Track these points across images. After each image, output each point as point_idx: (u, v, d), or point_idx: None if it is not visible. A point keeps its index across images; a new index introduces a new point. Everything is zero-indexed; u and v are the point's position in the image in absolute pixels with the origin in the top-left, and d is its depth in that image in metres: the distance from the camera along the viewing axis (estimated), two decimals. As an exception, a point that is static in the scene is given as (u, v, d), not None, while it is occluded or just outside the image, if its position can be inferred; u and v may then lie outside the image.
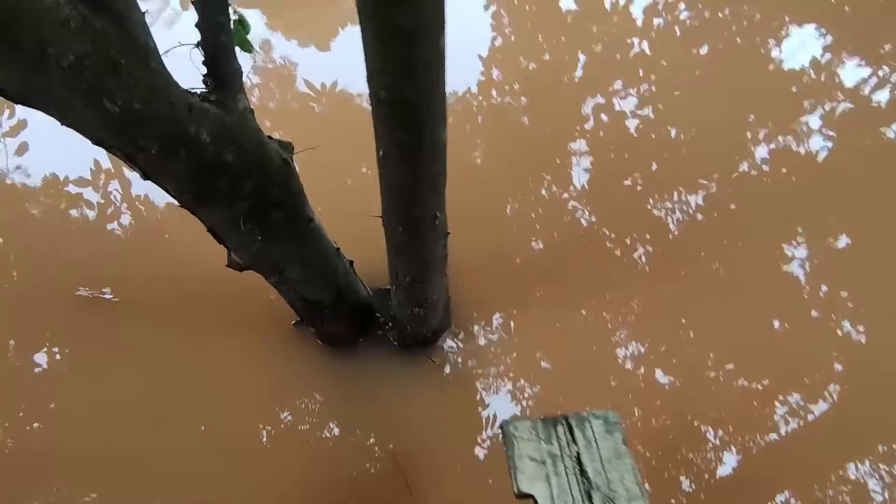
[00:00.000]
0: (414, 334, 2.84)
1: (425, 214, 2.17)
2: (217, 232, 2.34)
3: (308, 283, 2.62)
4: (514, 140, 3.39)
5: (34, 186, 3.37)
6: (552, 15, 3.95)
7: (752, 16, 3.91)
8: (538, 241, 3.15)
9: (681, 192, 3.21)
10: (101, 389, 2.86)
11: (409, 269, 2.43)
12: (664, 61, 3.70)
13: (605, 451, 1.98)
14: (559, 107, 3.53)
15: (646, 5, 3.96)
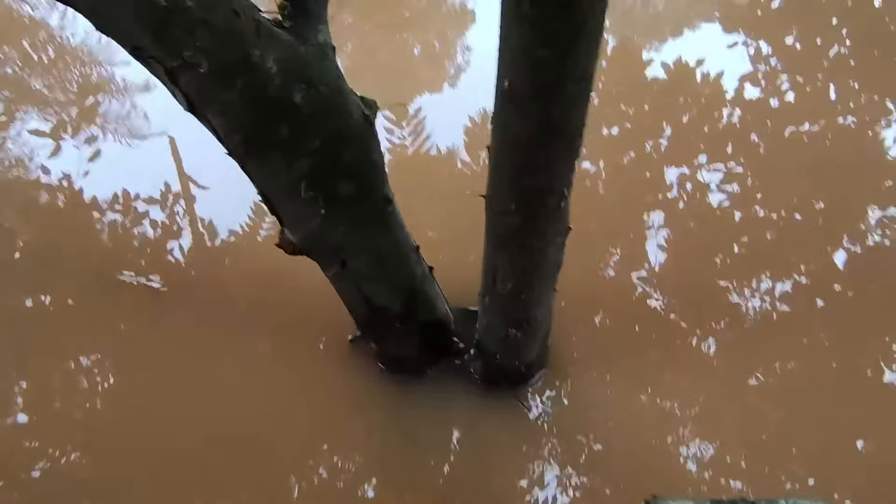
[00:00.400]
0: (503, 367, 2.18)
1: (551, 188, 1.57)
2: (270, 198, 1.82)
3: (376, 281, 2.03)
4: (588, 205, 2.84)
5: (102, 197, 3.06)
6: (638, 83, 3.53)
7: (859, 95, 3.34)
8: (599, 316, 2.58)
9: (761, 278, 2.61)
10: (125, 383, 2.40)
11: (512, 272, 1.81)
12: (755, 136, 3.16)
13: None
14: (639, 175, 3.05)
15: (740, 77, 3.48)
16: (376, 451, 2.19)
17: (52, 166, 3.19)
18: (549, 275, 1.88)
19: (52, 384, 2.42)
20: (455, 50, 3.83)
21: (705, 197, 2.92)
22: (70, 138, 3.33)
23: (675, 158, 3.07)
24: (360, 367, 2.34)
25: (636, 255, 2.69)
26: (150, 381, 2.43)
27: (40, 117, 3.44)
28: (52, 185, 3.12)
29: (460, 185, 2.98)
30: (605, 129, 3.22)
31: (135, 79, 3.55)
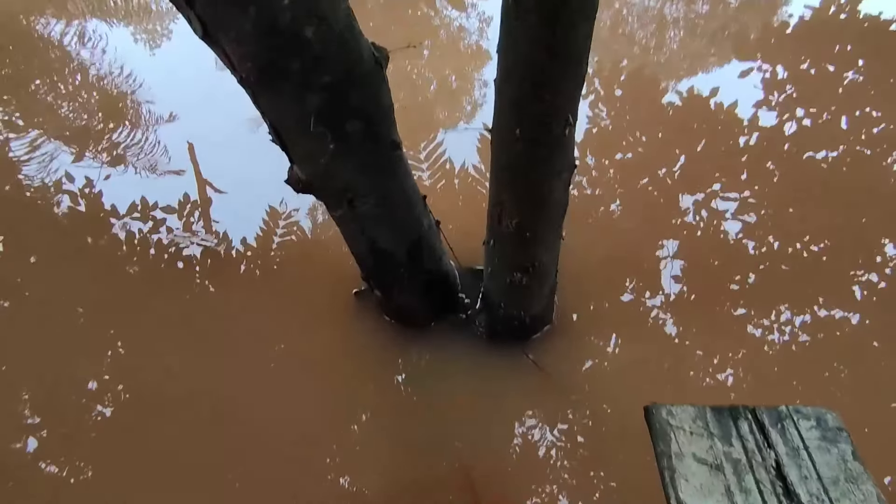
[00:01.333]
0: (508, 317, 2.15)
1: (556, 112, 1.58)
2: (280, 132, 1.84)
3: (383, 224, 2.03)
4: (602, 233, 2.80)
5: (120, 204, 3.07)
6: (652, 109, 3.51)
7: (875, 123, 3.29)
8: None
9: (780, 311, 2.46)
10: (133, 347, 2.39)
11: (517, 208, 1.80)
12: (771, 164, 3.10)
13: (826, 467, 1.20)
14: (652, 202, 2.95)
15: (755, 104, 3.45)
16: (382, 397, 2.16)
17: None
18: (555, 215, 1.87)
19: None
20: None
21: (720, 224, 2.81)
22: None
23: (690, 185, 2.99)
24: (365, 318, 2.33)
25: (650, 282, 2.56)
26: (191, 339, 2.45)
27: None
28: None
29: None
30: (620, 154, 3.20)
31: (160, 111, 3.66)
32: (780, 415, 1.30)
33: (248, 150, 3.27)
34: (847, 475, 1.19)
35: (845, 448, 1.23)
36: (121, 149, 3.37)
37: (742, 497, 1.17)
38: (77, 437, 2.11)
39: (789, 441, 1.25)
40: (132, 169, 3.25)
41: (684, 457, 1.23)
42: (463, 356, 2.19)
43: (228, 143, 3.34)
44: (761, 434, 1.27)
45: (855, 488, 1.17)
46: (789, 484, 1.18)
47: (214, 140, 3.38)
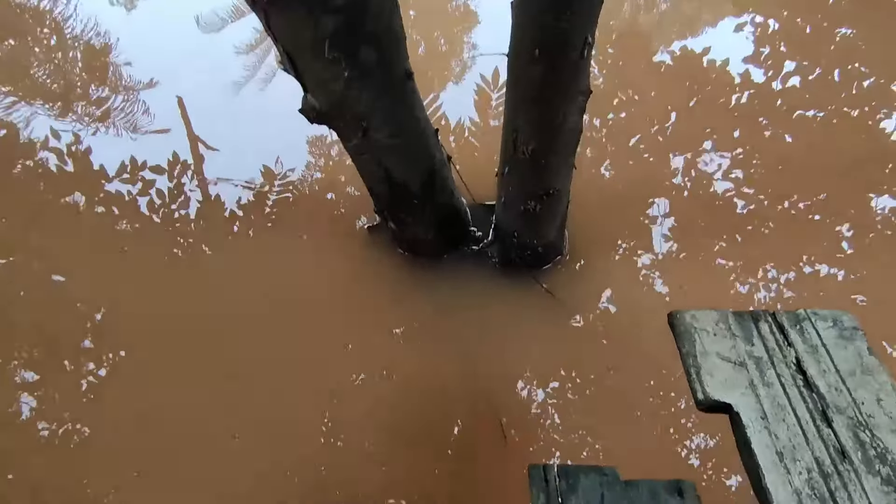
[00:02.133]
0: (522, 246, 2.18)
1: (575, 31, 1.58)
2: (294, 58, 1.82)
3: (396, 154, 2.03)
4: (589, 193, 2.72)
5: (109, 165, 2.97)
6: (644, 67, 3.47)
7: (866, 78, 3.26)
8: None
9: (767, 269, 2.46)
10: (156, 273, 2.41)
11: (532, 133, 1.82)
12: (764, 120, 3.08)
13: (843, 361, 1.26)
14: (641, 162, 2.92)
15: (746, 59, 3.42)
16: (401, 323, 2.20)
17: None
18: (569, 142, 1.89)
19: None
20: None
21: (710, 185, 2.79)
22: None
23: (681, 144, 2.96)
24: (380, 250, 2.36)
25: (641, 243, 2.53)
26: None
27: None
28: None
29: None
30: (612, 113, 3.17)
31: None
32: (799, 317, 1.35)
33: (234, 112, 3.19)
34: (863, 368, 1.25)
35: (861, 345, 1.29)
36: (102, 110, 3.26)
37: (765, 390, 1.22)
38: (95, 375, 2.14)
39: (808, 339, 1.31)
40: (116, 130, 3.16)
41: (708, 355, 1.28)
42: (476, 285, 2.24)
43: (214, 104, 3.26)
44: (781, 334, 1.32)
45: (871, 379, 1.23)
46: (809, 377, 1.24)
47: (199, 100, 3.29)
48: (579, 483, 1.13)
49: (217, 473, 1.90)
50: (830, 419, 1.16)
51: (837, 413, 1.17)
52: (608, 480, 1.14)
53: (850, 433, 1.14)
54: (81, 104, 3.29)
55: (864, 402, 1.18)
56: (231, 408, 2.04)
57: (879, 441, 1.13)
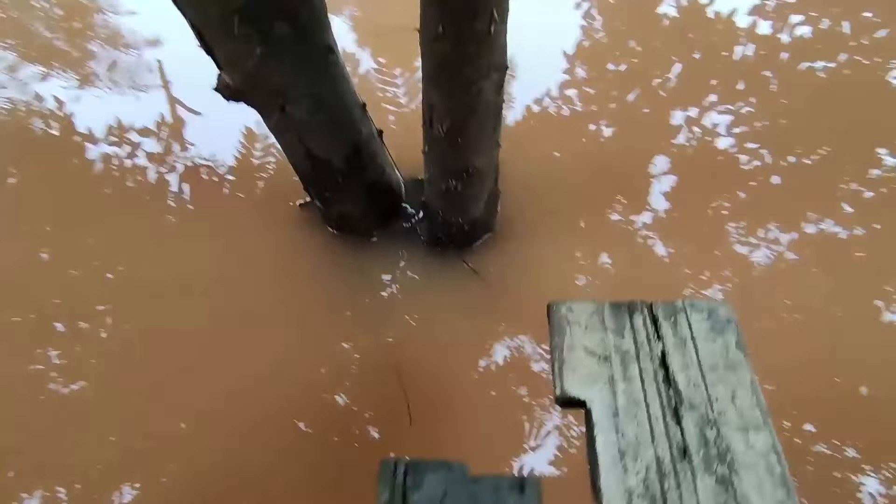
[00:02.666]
0: (447, 224, 2.17)
1: (479, 5, 1.53)
2: (203, 34, 1.79)
3: (317, 130, 2.01)
4: (591, 145, 2.72)
5: (96, 127, 2.93)
6: (648, 18, 3.33)
7: (876, 29, 3.13)
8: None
9: (769, 228, 2.42)
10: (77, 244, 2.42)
11: (447, 110, 1.78)
12: (769, 73, 2.97)
13: (709, 355, 1.25)
14: (645, 116, 2.86)
15: (753, 14, 3.28)
16: (323, 300, 2.22)
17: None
18: (487, 117, 1.85)
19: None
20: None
21: (714, 139, 2.74)
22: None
23: (684, 98, 2.89)
24: (310, 228, 2.35)
25: (638, 200, 2.53)
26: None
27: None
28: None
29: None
30: (612, 65, 3.08)
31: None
32: (675, 308, 1.34)
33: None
34: (726, 363, 1.24)
35: (730, 338, 1.28)
36: (88, 67, 3.22)
37: (624, 385, 1.23)
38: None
39: (679, 332, 1.30)
40: (102, 89, 3.12)
41: (576, 349, 1.28)
42: (403, 263, 2.23)
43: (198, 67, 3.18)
44: (653, 326, 1.32)
45: (731, 374, 1.23)
46: (670, 372, 1.24)
47: (184, 61, 3.21)
48: (425, 479, 1.16)
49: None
50: (681, 416, 1.17)
51: (690, 409, 1.17)
52: (454, 476, 1.16)
53: (698, 430, 1.15)
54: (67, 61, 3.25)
55: (718, 398, 1.18)
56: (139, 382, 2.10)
57: (723, 439, 1.13)
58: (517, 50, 3.01)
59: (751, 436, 1.14)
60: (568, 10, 3.42)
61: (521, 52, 3.01)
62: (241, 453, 1.93)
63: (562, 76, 3.04)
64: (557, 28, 3.36)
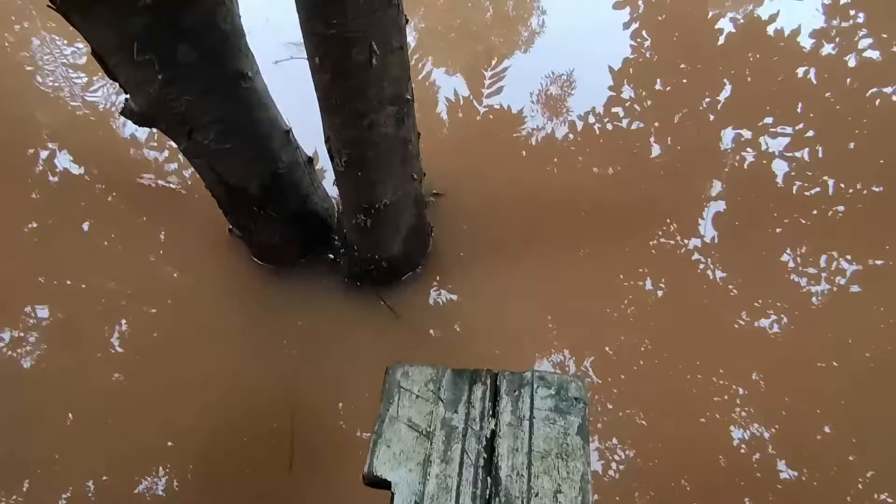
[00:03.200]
0: (363, 260, 2.06)
1: (353, 36, 1.41)
2: (104, 58, 1.75)
3: (228, 158, 1.93)
4: (635, 167, 2.61)
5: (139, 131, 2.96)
6: (701, 36, 3.20)
7: None
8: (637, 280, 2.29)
9: (834, 258, 2.27)
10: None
11: (342, 141, 1.67)
12: (830, 96, 2.79)
13: (544, 439, 1.10)
14: (693, 136, 2.73)
15: (817, 35, 3.09)
16: (232, 328, 2.15)
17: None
18: (389, 150, 1.73)
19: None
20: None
21: (769, 164, 2.60)
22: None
23: (735, 119, 2.76)
24: (235, 255, 2.28)
25: (687, 225, 2.41)
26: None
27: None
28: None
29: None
30: (660, 84, 2.97)
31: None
32: (522, 381, 1.19)
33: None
34: (561, 450, 1.08)
35: (574, 420, 1.12)
36: None
37: (441, 467, 1.08)
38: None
39: (518, 410, 1.15)
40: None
41: (398, 420, 1.15)
42: (319, 297, 2.12)
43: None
44: (492, 401, 1.17)
45: (563, 465, 1.07)
46: (495, 456, 1.09)
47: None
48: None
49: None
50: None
51: (502, 502, 1.02)
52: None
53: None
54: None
55: (539, 492, 1.03)
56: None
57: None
58: (572, 63, 3.06)
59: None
60: (617, 28, 3.31)
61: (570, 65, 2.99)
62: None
63: (607, 93, 2.94)
64: (605, 45, 3.26)
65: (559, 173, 2.61)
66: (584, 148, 2.71)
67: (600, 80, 3.00)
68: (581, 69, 3.06)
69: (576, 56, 3.15)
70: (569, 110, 2.88)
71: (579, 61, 3.10)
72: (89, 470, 1.88)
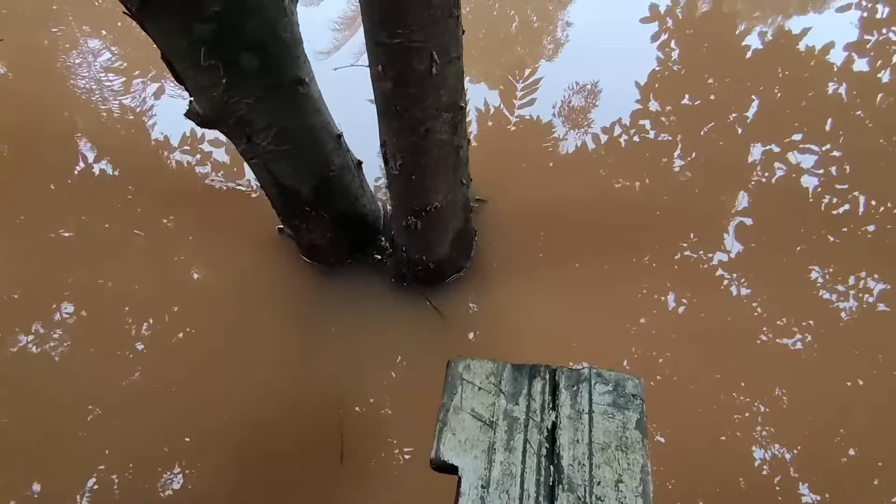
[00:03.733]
0: (411, 262, 2.13)
1: (417, 47, 1.49)
2: (172, 63, 1.84)
3: (283, 161, 2.02)
4: (661, 182, 2.64)
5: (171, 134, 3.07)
6: (730, 51, 3.22)
7: None
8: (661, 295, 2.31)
9: (861, 276, 2.27)
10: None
11: (398, 147, 1.75)
12: (861, 113, 2.80)
13: (604, 433, 1.15)
14: (719, 151, 2.75)
15: (850, 49, 3.10)
16: (282, 328, 2.21)
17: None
18: (443, 157, 1.80)
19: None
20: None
21: (797, 179, 2.61)
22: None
23: (763, 134, 2.77)
24: (284, 254, 2.36)
25: (712, 239, 2.43)
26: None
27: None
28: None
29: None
30: (688, 98, 2.99)
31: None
32: (580, 377, 1.24)
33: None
34: (620, 443, 1.13)
35: (631, 416, 1.17)
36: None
37: (505, 454, 1.14)
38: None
39: (577, 404, 1.20)
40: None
41: (462, 411, 1.20)
42: (367, 297, 2.20)
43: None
44: (551, 395, 1.22)
45: (623, 456, 1.12)
46: (557, 446, 1.14)
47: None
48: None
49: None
50: (556, 496, 1.07)
51: (567, 490, 1.07)
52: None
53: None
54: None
55: (601, 481, 1.08)
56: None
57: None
58: (597, 75, 3.11)
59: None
60: (644, 41, 3.35)
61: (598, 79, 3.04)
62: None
63: (634, 106, 2.97)
64: (633, 57, 3.30)
65: (587, 184, 2.66)
66: (607, 159, 2.75)
67: (626, 93, 3.04)
68: (606, 82, 3.11)
69: (601, 68, 3.20)
70: (594, 122, 2.92)
71: (605, 74, 3.14)
72: (153, 455, 1.97)
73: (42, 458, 1.98)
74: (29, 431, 2.04)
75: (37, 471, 1.95)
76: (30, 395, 2.12)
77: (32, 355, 2.21)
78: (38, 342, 2.23)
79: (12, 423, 2.06)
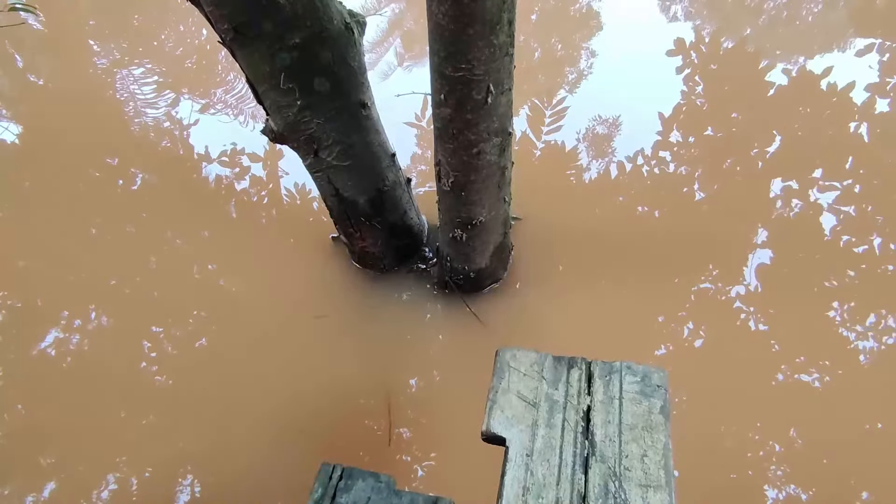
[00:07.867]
0: (454, 270, 2.34)
1: (475, 78, 1.72)
2: (255, 86, 2.09)
3: (345, 174, 2.26)
4: (682, 212, 2.75)
5: (210, 146, 3.35)
6: (753, 86, 3.34)
7: None
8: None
9: (884, 316, 2.31)
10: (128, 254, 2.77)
11: (451, 166, 1.97)
12: (882, 153, 2.90)
13: (632, 415, 1.33)
14: (740, 184, 2.85)
15: (871, 90, 3.21)
16: (333, 326, 2.43)
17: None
18: (490, 176, 2.02)
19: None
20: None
21: (817, 216, 2.69)
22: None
23: (783, 170, 2.85)
24: (336, 259, 2.60)
25: (731, 272, 2.51)
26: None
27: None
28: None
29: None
30: (711, 131, 3.11)
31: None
32: (612, 368, 1.43)
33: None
34: (646, 424, 1.32)
35: (656, 403, 1.35)
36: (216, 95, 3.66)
37: (546, 430, 1.33)
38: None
39: (609, 391, 1.39)
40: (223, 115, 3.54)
41: (509, 392, 1.40)
42: (411, 300, 2.42)
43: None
44: (587, 383, 1.41)
45: (648, 436, 1.30)
46: (591, 424, 1.33)
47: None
48: (355, 485, 1.30)
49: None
50: (590, 466, 1.26)
51: (599, 462, 1.26)
52: (380, 487, 1.29)
53: (602, 482, 1.23)
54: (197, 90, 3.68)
55: (628, 455, 1.26)
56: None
57: (623, 493, 1.21)
58: (620, 106, 3.26)
59: (650, 494, 1.21)
60: (670, 73, 3.49)
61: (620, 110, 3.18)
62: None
63: (655, 137, 3.09)
64: (657, 88, 3.42)
65: (611, 210, 2.80)
66: (629, 189, 2.88)
67: (649, 124, 3.17)
68: (629, 112, 3.25)
69: (624, 99, 3.34)
70: (617, 151, 3.06)
71: (628, 104, 3.29)
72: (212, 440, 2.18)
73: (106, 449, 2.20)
74: (63, 422, 2.26)
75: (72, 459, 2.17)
76: (75, 385, 2.36)
77: (76, 353, 2.46)
78: (83, 340, 2.49)
79: (44, 417, 2.28)
